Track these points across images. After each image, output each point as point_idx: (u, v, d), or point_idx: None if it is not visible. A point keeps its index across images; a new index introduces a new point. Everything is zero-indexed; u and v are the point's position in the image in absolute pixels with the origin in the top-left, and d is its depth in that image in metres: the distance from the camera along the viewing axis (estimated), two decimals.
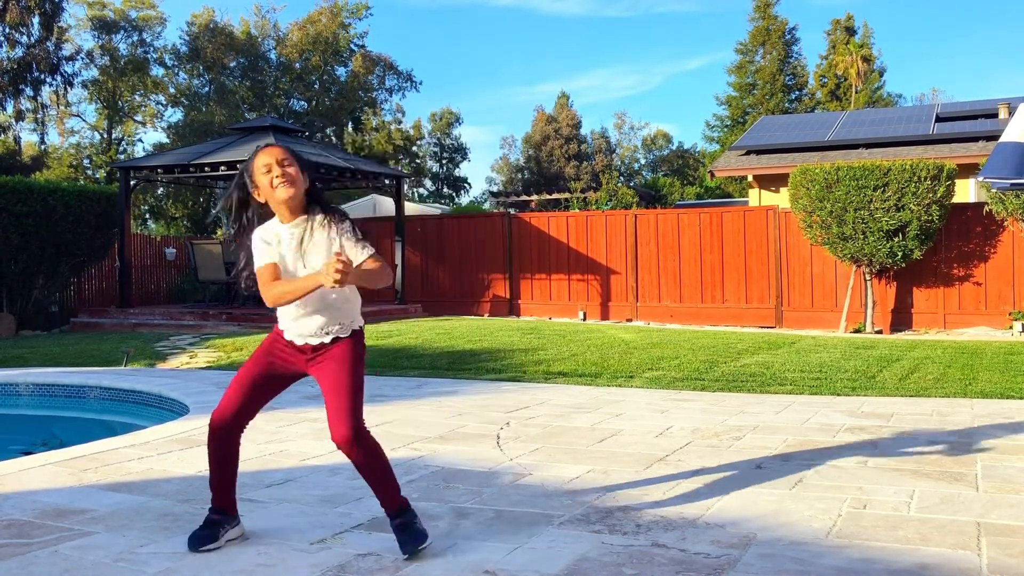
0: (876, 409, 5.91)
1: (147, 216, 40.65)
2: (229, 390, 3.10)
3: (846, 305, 13.37)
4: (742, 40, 47.31)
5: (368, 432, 3.00)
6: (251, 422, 3.17)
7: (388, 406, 6.14)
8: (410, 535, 2.97)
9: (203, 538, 3.03)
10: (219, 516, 3.10)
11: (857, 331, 13.14)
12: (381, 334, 11.53)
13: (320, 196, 3.08)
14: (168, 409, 6.45)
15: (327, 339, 3.04)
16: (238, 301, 15.27)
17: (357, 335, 3.09)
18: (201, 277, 15.16)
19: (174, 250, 17.97)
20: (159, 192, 38.01)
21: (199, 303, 16.11)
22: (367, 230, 17.90)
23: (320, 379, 3.02)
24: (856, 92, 44.30)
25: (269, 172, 2.98)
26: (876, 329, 13.09)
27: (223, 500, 3.11)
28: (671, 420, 5.51)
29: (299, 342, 3.06)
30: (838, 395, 6.66)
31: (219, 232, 38.25)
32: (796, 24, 47.08)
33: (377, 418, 5.60)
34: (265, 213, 3.08)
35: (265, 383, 3.11)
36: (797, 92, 47.07)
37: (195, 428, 5.22)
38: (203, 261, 14.96)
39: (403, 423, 5.45)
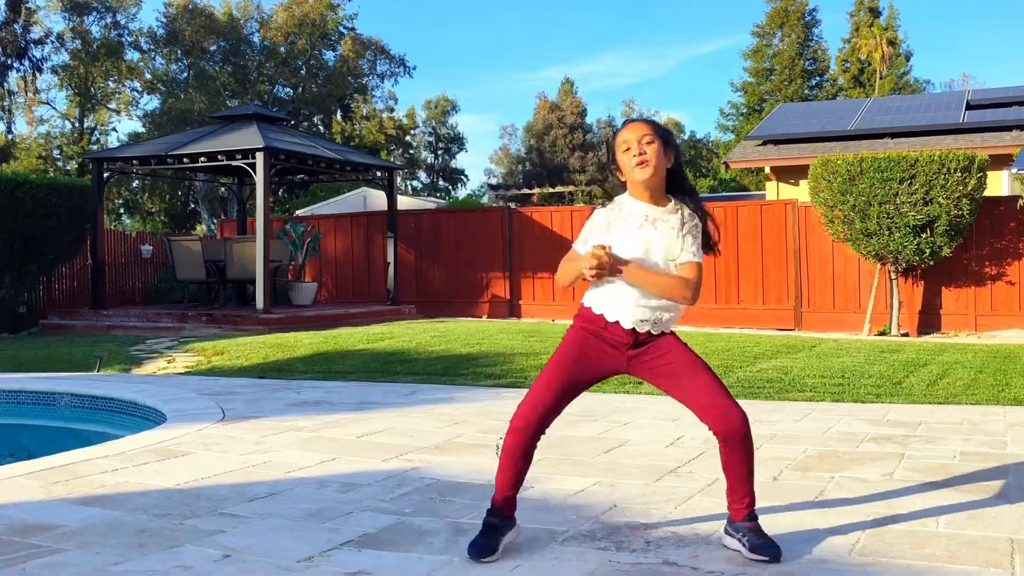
0: (902, 417, 5.91)
1: (121, 211, 40.67)
2: (539, 391, 3.11)
3: (870, 306, 13.37)
4: (759, 22, 47.35)
5: None
6: (245, 435, 3.17)
7: (379, 414, 6.15)
8: (771, 541, 3.07)
9: (484, 548, 3.06)
10: (499, 520, 3.14)
11: (882, 334, 13.14)
12: (372, 337, 11.53)
13: (685, 181, 3.13)
14: (144, 417, 6.45)
15: (655, 331, 3.07)
16: (219, 302, 15.28)
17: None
18: (179, 276, 15.17)
19: (151, 247, 17.98)
20: (134, 185, 38.02)
21: (177, 304, 16.12)
22: (357, 225, 17.91)
23: (663, 374, 3.06)
24: (881, 78, 44.29)
25: (628, 151, 3.04)
26: (902, 332, 13.09)
27: (508, 502, 3.16)
28: (683, 429, 5.50)
29: (628, 324, 3.04)
30: (862, 402, 6.66)
31: (198, 228, 38.31)
32: (816, 5, 47.06)
33: (367, 427, 5.60)
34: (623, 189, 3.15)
35: (577, 382, 3.12)
36: (818, 78, 47.06)
37: (173, 438, 5.22)
38: (182, 259, 14.97)
39: (395, 432, 5.45)
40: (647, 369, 3.08)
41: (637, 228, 3.04)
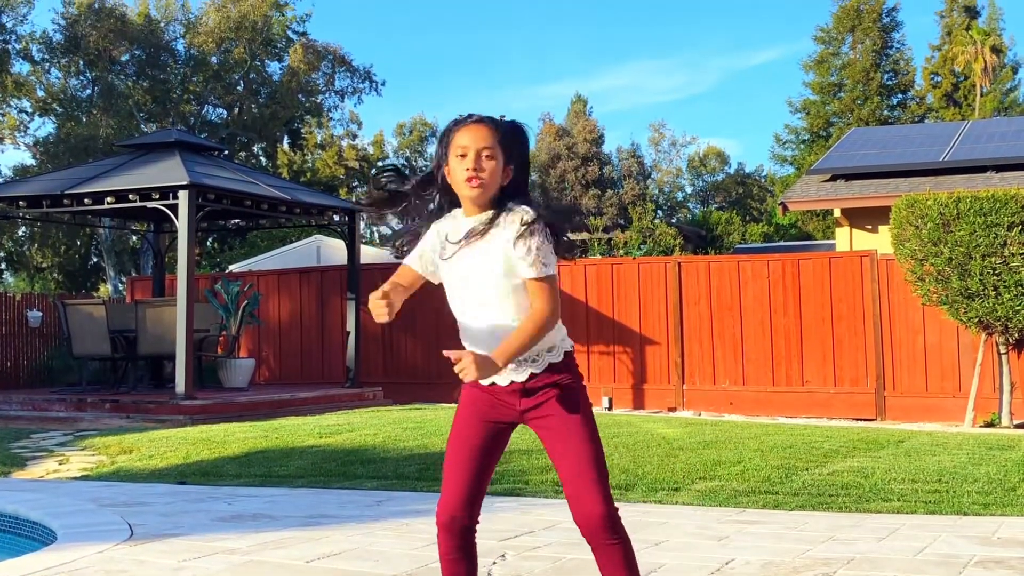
0: (1018, 535, 5.87)
1: (3, 266, 40.77)
2: (451, 469, 3.38)
3: (973, 388, 13.35)
4: (824, 25, 48.09)
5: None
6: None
7: (335, 531, 6.10)
8: None
9: None
10: None
11: (989, 424, 13.10)
12: (326, 429, 11.49)
13: (522, 193, 3.40)
14: (28, 536, 6.39)
15: (536, 368, 3.33)
16: (127, 384, 15.24)
17: (574, 368, 3.39)
18: (77, 351, 15.14)
19: (40, 313, 17.97)
20: (20, 233, 38.15)
21: (73, 387, 16.05)
22: (303, 282, 17.95)
23: (547, 436, 3.33)
24: (981, 95, 44.89)
25: (463, 158, 3.31)
26: (1016, 422, 13.06)
27: None
28: (732, 551, 5.46)
29: (502, 381, 3.36)
30: (965, 514, 6.62)
31: (103, 288, 38.35)
32: (898, 3, 47.87)
33: (319, 548, 5.55)
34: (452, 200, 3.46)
35: (483, 444, 3.40)
36: (900, 95, 47.67)
37: (65, 563, 5.17)
38: (80, 328, 14.96)
39: (355, 555, 5.40)
40: (539, 426, 3.35)
41: (455, 243, 3.38)
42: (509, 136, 3.37)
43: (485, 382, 3.36)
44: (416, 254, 3.48)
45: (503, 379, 3.34)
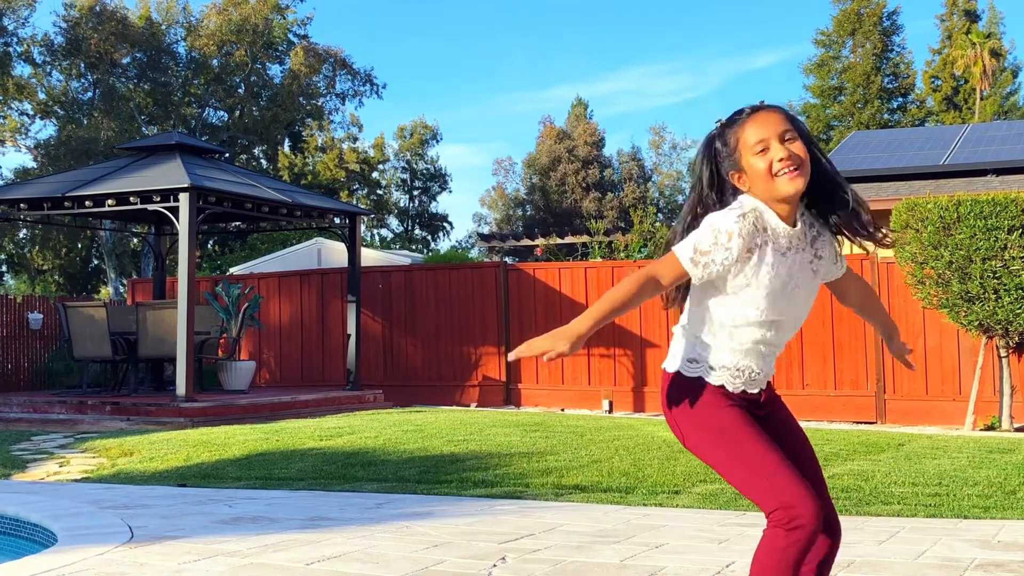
0: (1018, 538, 5.86)
1: (3, 268, 40.79)
2: (776, 462, 3.00)
3: (973, 392, 13.35)
4: (824, 28, 48.11)
5: None
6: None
7: (335, 533, 6.09)
8: None
9: None
10: None
11: (990, 428, 13.09)
12: (326, 432, 11.48)
13: (826, 177, 3.00)
14: (28, 538, 6.39)
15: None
16: (128, 386, 15.25)
17: None
18: (77, 353, 15.15)
19: (41, 316, 17.98)
20: (21, 235, 38.18)
21: (73, 389, 16.06)
22: (304, 285, 17.98)
23: (785, 429, 3.18)
24: (981, 98, 44.89)
25: (766, 151, 2.89)
26: (1017, 425, 13.05)
27: None
28: (732, 554, 5.46)
29: (753, 389, 3.07)
30: (965, 517, 6.62)
31: (103, 291, 38.38)
32: (898, 6, 47.90)
33: (319, 551, 5.55)
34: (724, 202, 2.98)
35: None
36: (900, 98, 47.68)
37: (65, 565, 5.17)
38: (80, 330, 14.97)
39: (356, 558, 5.40)
40: (772, 420, 3.15)
41: (782, 254, 2.96)
42: (795, 119, 3.00)
43: (754, 389, 3.08)
44: (702, 264, 2.86)
45: (755, 386, 3.10)
